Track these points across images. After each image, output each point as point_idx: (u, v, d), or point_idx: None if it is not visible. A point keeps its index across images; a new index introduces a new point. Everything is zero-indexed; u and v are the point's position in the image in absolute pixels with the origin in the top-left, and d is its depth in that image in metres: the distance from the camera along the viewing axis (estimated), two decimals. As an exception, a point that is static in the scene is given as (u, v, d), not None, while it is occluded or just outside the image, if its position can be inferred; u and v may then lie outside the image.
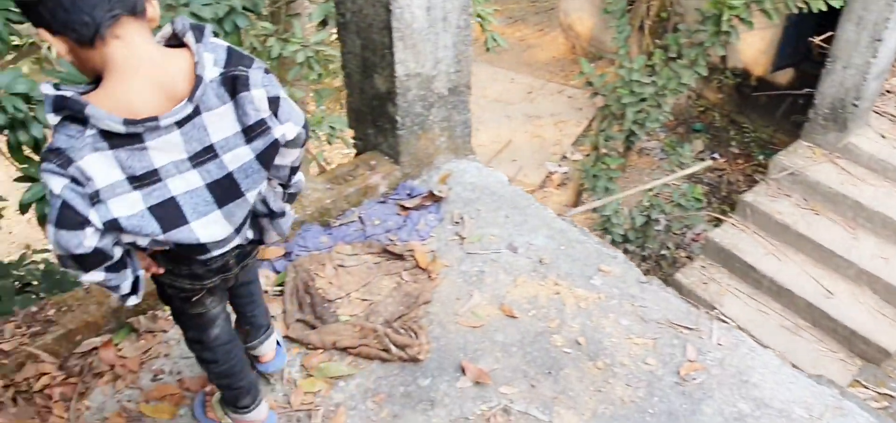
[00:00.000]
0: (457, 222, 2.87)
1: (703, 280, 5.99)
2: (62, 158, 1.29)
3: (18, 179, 2.73)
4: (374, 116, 2.95)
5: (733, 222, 6.26)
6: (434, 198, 2.92)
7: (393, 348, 2.35)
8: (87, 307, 2.40)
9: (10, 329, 2.33)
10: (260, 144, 1.48)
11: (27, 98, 2.51)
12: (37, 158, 2.72)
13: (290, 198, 1.79)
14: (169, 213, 1.44)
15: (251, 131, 1.46)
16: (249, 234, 1.69)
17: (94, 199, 1.34)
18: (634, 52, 7.12)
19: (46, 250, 4.33)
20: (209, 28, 1.45)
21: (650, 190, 6.81)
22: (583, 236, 2.86)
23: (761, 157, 8.22)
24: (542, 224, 2.88)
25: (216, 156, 1.44)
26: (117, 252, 1.45)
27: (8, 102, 2.44)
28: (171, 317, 2.02)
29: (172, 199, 1.43)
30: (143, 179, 1.38)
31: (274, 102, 1.49)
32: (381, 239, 2.76)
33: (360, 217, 2.85)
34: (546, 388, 2.29)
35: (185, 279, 1.67)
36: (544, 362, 2.37)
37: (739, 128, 8.71)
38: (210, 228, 1.51)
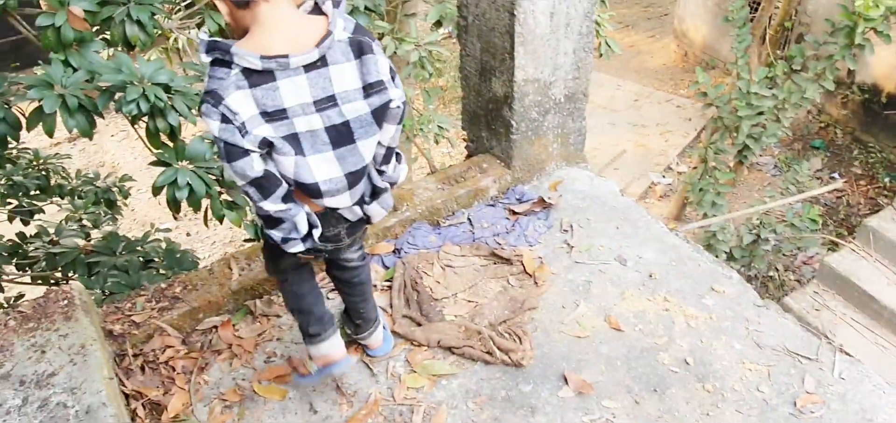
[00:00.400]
0: (566, 230, 2.85)
1: (816, 306, 5.68)
2: (215, 98, 1.58)
3: (153, 163, 2.91)
4: (488, 119, 2.96)
5: (853, 247, 5.90)
6: (544, 204, 2.91)
7: (497, 352, 2.36)
8: (210, 288, 2.54)
9: (141, 303, 2.49)
10: (376, 100, 1.72)
11: (167, 88, 2.67)
12: (171, 145, 2.89)
13: (390, 184, 1.99)
14: (294, 143, 1.68)
15: (370, 89, 1.70)
16: (358, 210, 1.90)
17: (243, 131, 1.61)
18: (754, 63, 6.81)
19: (168, 229, 4.60)
20: (345, 2, 1.72)
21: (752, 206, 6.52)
22: (696, 252, 2.77)
23: (887, 179, 7.73)
24: (654, 238, 2.81)
25: (336, 105, 1.68)
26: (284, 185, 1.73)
27: (151, 91, 2.60)
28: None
29: (295, 134, 1.67)
30: (273, 116, 1.63)
31: (391, 72, 1.76)
32: (489, 242, 2.78)
33: (469, 219, 2.87)
34: (650, 406, 2.23)
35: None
36: (650, 379, 2.32)
37: (864, 147, 8.20)
38: (323, 166, 1.73)
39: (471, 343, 2.39)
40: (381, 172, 1.95)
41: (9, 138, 3.02)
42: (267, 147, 1.68)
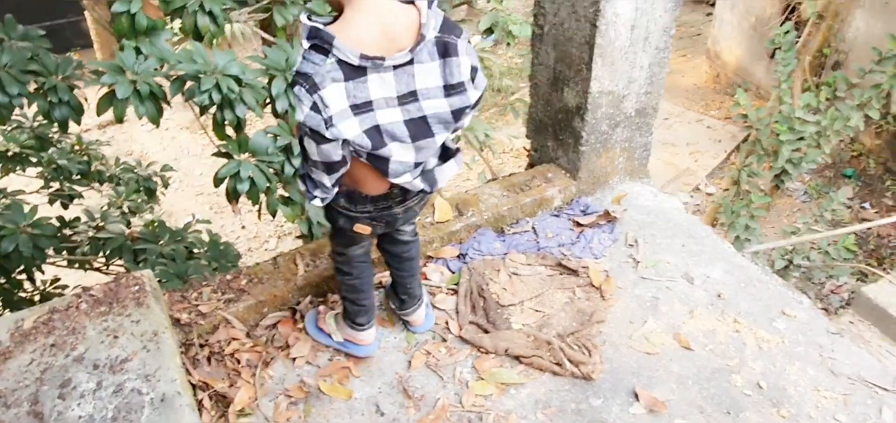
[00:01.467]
0: (631, 245, 2.81)
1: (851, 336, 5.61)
2: (310, 83, 1.66)
3: (216, 155, 2.89)
4: (556, 128, 2.93)
5: (890, 278, 5.83)
6: (609, 217, 2.87)
7: (566, 363, 2.32)
8: (275, 282, 2.51)
9: (208, 293, 2.47)
10: (456, 101, 1.78)
11: (238, 80, 2.65)
12: (235, 137, 2.86)
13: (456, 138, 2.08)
14: (374, 135, 1.74)
15: (451, 89, 1.75)
16: (419, 182, 1.93)
17: (329, 124, 1.68)
18: (796, 88, 6.76)
19: (208, 221, 4.58)
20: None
21: (794, 232, 6.46)
22: (765, 275, 2.73)
23: (921, 212, 7.65)
24: (720, 257, 2.77)
25: (417, 100, 1.74)
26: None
27: (223, 81, 2.58)
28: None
29: (378, 126, 1.73)
30: (360, 108, 1.69)
31: (473, 71, 1.80)
32: (554, 252, 2.74)
33: (533, 228, 2.84)
34: (725, 429, 2.20)
35: (365, 215, 1.98)
36: (723, 401, 2.27)
37: (896, 178, 8.15)
38: (400, 152, 1.79)
39: (540, 353, 2.36)
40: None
41: (70, 122, 3.01)
42: (345, 145, 1.76)
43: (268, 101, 2.98)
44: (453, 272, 2.67)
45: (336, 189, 1.93)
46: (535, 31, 2.80)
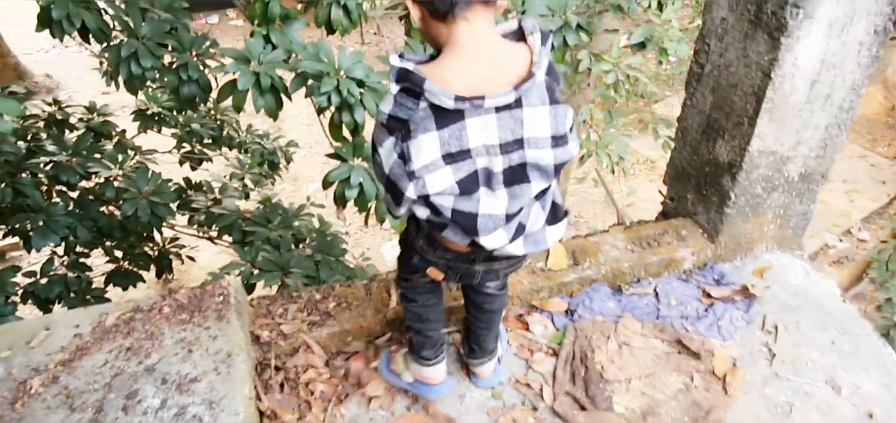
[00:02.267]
0: (768, 331, 2.42)
1: None
2: (401, 131, 1.44)
3: (330, 156, 2.77)
4: (700, 181, 2.57)
5: None
6: (746, 293, 2.49)
7: (672, 468, 2.00)
8: (364, 310, 2.35)
9: (293, 311, 2.34)
10: (561, 154, 1.55)
11: (361, 83, 2.50)
12: (351, 139, 2.73)
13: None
14: (467, 183, 1.51)
15: (559, 140, 1.53)
16: (516, 247, 1.67)
17: (412, 176, 1.47)
18: None
19: (322, 205, 4.53)
20: (551, 37, 1.51)
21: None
22: (935, 397, 2.26)
23: None
24: (878, 365, 2.32)
25: (522, 148, 1.50)
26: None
27: (345, 84, 2.44)
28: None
29: (474, 172, 1.51)
30: (456, 158, 1.47)
31: (571, 125, 1.58)
32: (675, 324, 2.40)
33: (655, 291, 2.51)
34: None
35: (441, 262, 1.78)
36: None
37: None
38: (490, 201, 1.56)
39: (642, 449, 2.05)
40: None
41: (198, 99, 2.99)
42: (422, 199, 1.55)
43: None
44: (558, 329, 2.39)
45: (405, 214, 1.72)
46: (694, 68, 2.43)
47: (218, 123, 4.80)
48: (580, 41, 3.04)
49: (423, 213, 1.57)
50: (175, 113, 4.53)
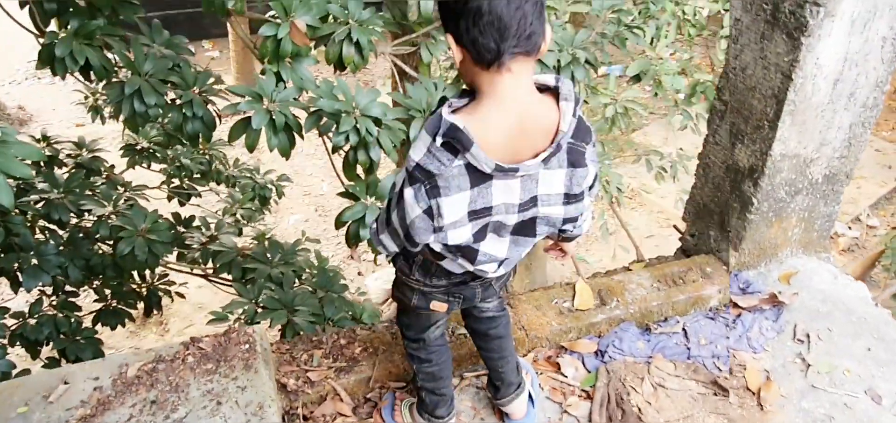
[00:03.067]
0: (800, 341, 2.38)
1: None
2: (432, 185, 1.40)
3: (342, 195, 2.70)
4: (724, 218, 2.54)
5: None
6: (775, 301, 2.46)
7: None
8: (392, 356, 2.27)
9: (318, 357, 2.26)
10: (571, 210, 1.58)
11: (378, 122, 2.44)
12: (364, 178, 2.66)
13: (566, 240, 1.84)
14: (480, 234, 1.54)
15: (571, 198, 1.55)
16: (502, 269, 1.71)
17: (437, 230, 1.47)
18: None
19: (317, 240, 4.44)
20: (581, 102, 1.49)
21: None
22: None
23: None
24: (916, 376, 2.30)
25: (536, 205, 1.53)
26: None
27: (362, 122, 2.38)
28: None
29: (487, 225, 1.53)
30: (479, 215, 1.48)
31: (594, 179, 1.59)
32: (707, 363, 2.37)
33: (684, 329, 2.47)
34: None
35: (440, 290, 1.77)
36: None
37: None
38: (494, 244, 1.59)
39: (687, 494, 2.00)
40: (562, 231, 1.70)
41: (201, 137, 2.90)
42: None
43: (404, 142, 2.79)
44: (589, 371, 2.34)
45: (397, 252, 1.73)
46: (716, 106, 2.41)
47: (207, 157, 4.69)
48: (588, 78, 3.03)
49: (437, 247, 1.57)
50: (164, 148, 4.41)
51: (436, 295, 1.78)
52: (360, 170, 2.63)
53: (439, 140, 1.37)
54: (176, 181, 4.55)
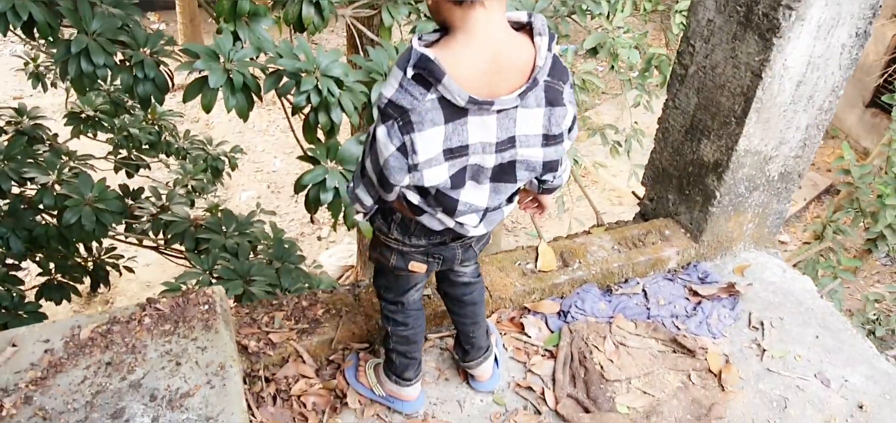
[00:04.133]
0: (755, 328, 2.46)
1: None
2: (405, 120, 1.37)
3: (302, 158, 2.64)
4: (683, 182, 2.59)
5: None
6: (732, 291, 2.52)
7: (680, 466, 1.99)
8: (355, 317, 2.24)
9: (280, 319, 2.21)
10: (551, 153, 1.55)
11: (339, 83, 2.39)
12: (324, 141, 2.61)
13: (547, 191, 1.81)
14: (458, 178, 1.51)
15: (550, 140, 1.53)
16: (482, 227, 1.68)
17: (412, 169, 1.43)
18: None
19: (273, 213, 4.37)
20: (556, 38, 1.47)
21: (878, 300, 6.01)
22: (913, 387, 2.35)
23: None
24: (861, 359, 2.39)
25: (514, 146, 1.50)
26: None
27: (324, 83, 2.33)
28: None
29: (465, 168, 1.50)
30: (454, 152, 1.44)
31: (573, 121, 1.58)
32: (666, 323, 2.41)
33: (644, 290, 2.51)
34: None
35: (419, 250, 1.73)
36: None
37: None
38: (474, 192, 1.56)
39: (650, 448, 2.03)
40: (542, 181, 1.71)
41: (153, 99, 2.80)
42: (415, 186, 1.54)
43: (365, 105, 2.74)
44: (552, 331, 2.36)
45: (375, 207, 1.69)
46: (676, 69, 2.45)
47: (156, 128, 4.55)
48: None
49: (415, 198, 1.55)
50: (111, 117, 4.25)
51: (415, 256, 1.75)
52: (320, 133, 2.58)
53: (410, 72, 1.35)
54: (123, 152, 4.40)
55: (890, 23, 9.09)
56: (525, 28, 1.46)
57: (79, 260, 3.91)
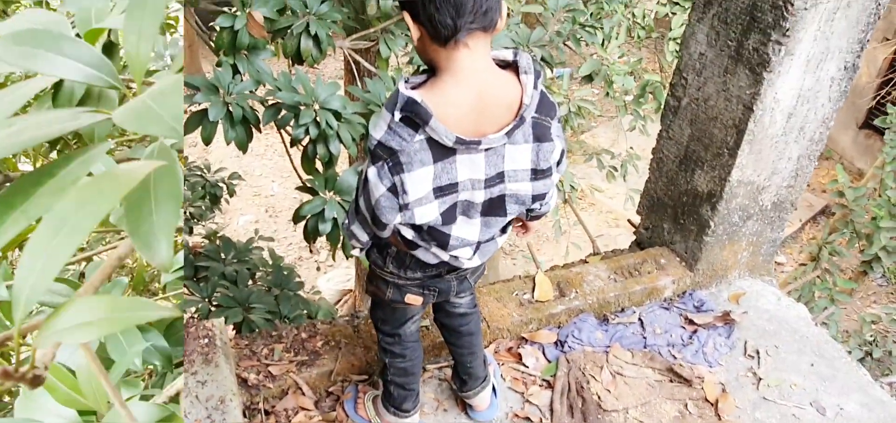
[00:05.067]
0: (751, 356, 2.48)
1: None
2: (394, 162, 1.39)
3: (300, 189, 2.67)
4: (677, 211, 2.62)
5: None
6: (727, 319, 2.54)
7: (678, 497, 2.01)
8: (354, 349, 2.26)
9: (280, 351, 2.23)
10: (540, 186, 1.57)
11: (337, 115, 2.42)
12: (322, 172, 2.64)
13: (534, 218, 1.81)
14: (448, 214, 1.53)
15: (539, 174, 1.55)
16: (477, 259, 1.71)
17: (403, 209, 1.46)
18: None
19: (271, 239, 4.38)
20: (543, 75, 1.50)
21: (875, 321, 6.05)
22: (908, 416, 2.37)
23: None
24: (856, 387, 2.42)
25: (503, 181, 1.52)
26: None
27: (322, 115, 2.36)
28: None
29: (455, 204, 1.52)
30: (444, 191, 1.47)
31: (561, 155, 1.59)
32: (663, 352, 2.43)
33: (640, 319, 2.53)
34: None
35: (415, 283, 1.75)
36: None
37: None
38: (465, 227, 1.58)
39: (647, 479, 2.05)
40: (529, 210, 1.71)
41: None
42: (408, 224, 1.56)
43: (363, 137, 2.77)
44: (549, 361, 2.37)
45: (370, 243, 1.71)
46: (669, 101, 2.49)
47: (154, 154, 4.57)
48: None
49: (409, 233, 1.58)
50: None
51: (410, 288, 1.77)
52: (318, 164, 2.60)
53: (397, 115, 1.37)
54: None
55: (882, 45, 9.18)
56: (511, 66, 1.47)
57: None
